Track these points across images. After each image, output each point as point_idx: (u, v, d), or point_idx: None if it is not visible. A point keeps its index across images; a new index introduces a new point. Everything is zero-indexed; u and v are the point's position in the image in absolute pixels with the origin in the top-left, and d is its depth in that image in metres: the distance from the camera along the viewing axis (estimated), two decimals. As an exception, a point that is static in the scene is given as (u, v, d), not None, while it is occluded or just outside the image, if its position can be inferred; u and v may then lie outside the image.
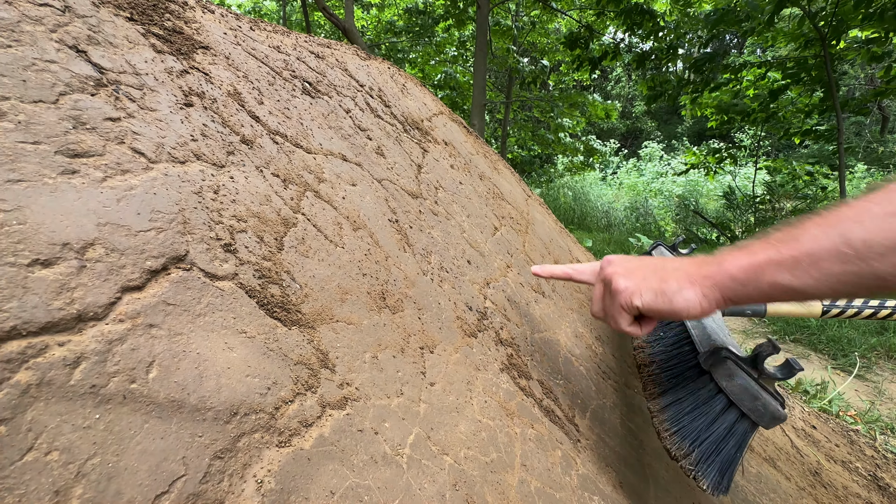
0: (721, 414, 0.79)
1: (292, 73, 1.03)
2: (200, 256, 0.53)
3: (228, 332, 0.50)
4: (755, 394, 0.72)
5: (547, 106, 10.23)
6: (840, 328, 3.98)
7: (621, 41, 8.47)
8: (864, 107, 6.62)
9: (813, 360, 3.63)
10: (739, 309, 1.11)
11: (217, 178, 0.63)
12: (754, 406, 0.73)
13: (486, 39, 7.20)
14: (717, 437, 0.79)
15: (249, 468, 0.43)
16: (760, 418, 0.74)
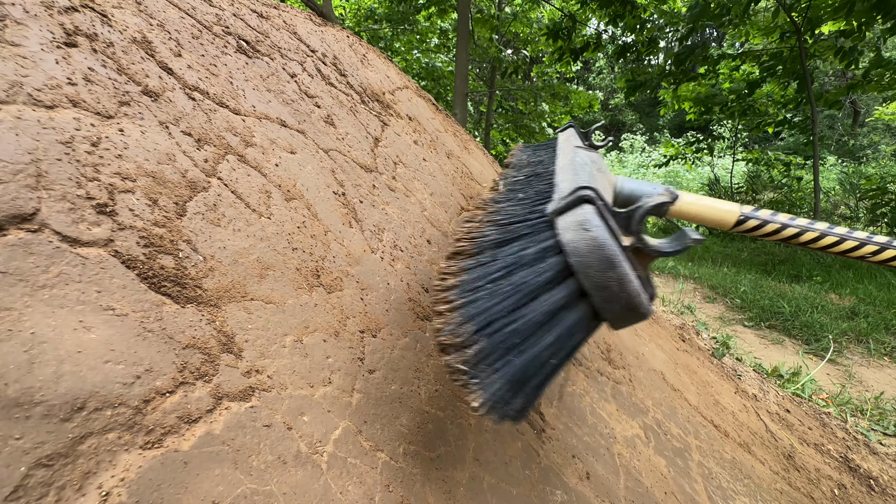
0: (546, 286, 0.49)
1: (225, 28, 0.92)
2: (58, 217, 0.43)
3: (87, 308, 0.40)
4: (612, 259, 0.45)
5: (530, 97, 10.16)
6: (813, 314, 4.06)
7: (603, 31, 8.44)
8: (838, 101, 6.74)
9: (787, 346, 3.68)
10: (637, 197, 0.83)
11: (99, 130, 0.52)
12: (604, 280, 0.45)
13: (467, 27, 7.07)
14: (527, 325, 0.49)
15: (94, 477, 0.33)
16: (609, 303, 0.46)
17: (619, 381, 1.34)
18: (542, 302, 0.49)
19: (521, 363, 0.49)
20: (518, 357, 0.49)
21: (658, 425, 1.28)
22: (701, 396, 1.68)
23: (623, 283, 0.45)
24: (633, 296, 0.45)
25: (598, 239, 0.45)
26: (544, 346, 0.49)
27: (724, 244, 7.30)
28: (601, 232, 0.45)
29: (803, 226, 0.75)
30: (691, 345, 2.20)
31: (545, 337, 0.49)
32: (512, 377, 0.48)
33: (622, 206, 0.81)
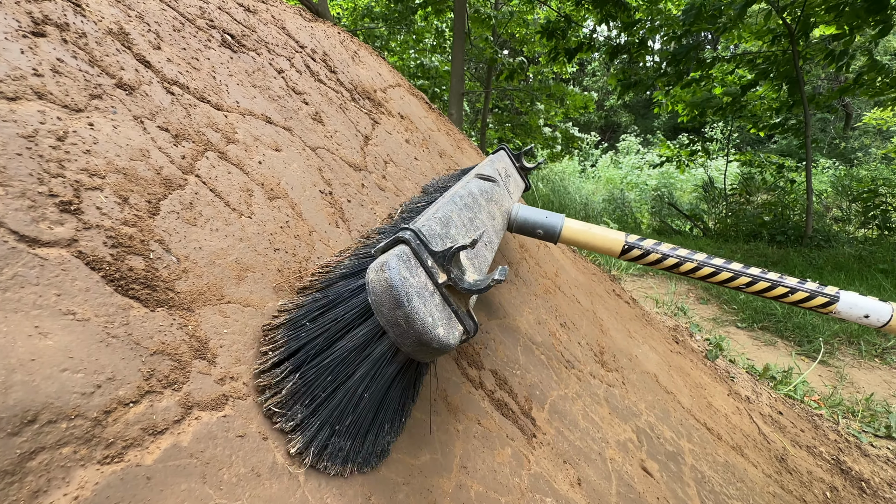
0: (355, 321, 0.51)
1: (209, 22, 0.89)
2: (15, 215, 0.40)
3: (44, 312, 0.38)
4: (399, 299, 0.46)
5: (526, 97, 10.17)
6: (805, 316, 4.08)
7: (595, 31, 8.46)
8: (832, 106, 6.79)
9: (780, 347, 3.70)
10: (530, 225, 0.89)
11: (66, 123, 0.50)
12: (394, 317, 0.46)
13: (464, 27, 7.05)
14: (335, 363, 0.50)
15: (44, 496, 0.31)
16: (402, 338, 0.48)
17: (611, 384, 1.32)
18: (350, 337, 0.51)
19: (335, 403, 0.50)
20: (330, 394, 0.50)
21: (651, 429, 1.27)
22: (694, 399, 1.67)
23: (410, 321, 0.46)
24: (421, 333, 0.47)
25: (390, 280, 0.47)
26: (354, 381, 0.51)
27: (717, 246, 7.34)
28: (394, 274, 0.47)
29: (683, 256, 0.80)
30: (685, 346, 2.20)
31: (355, 372, 0.51)
32: (323, 420, 0.49)
33: (518, 231, 0.91)
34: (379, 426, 0.54)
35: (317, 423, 0.49)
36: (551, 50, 8.01)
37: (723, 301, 4.48)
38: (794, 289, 0.73)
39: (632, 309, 2.08)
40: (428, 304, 0.49)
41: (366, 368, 0.51)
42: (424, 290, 0.49)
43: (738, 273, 0.75)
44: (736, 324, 4.06)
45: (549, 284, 1.50)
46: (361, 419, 0.52)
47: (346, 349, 0.51)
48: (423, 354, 0.50)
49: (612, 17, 7.06)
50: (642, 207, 10.65)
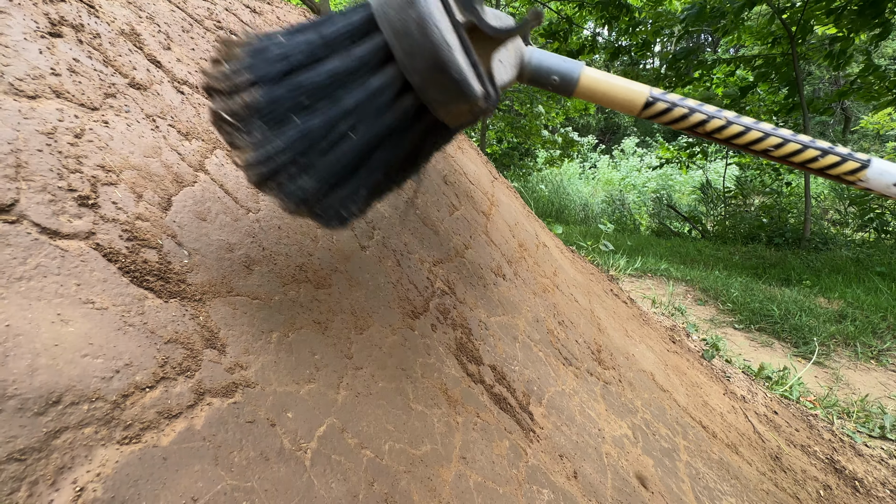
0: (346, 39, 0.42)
1: (217, 23, 0.91)
2: (37, 208, 0.42)
3: (66, 301, 0.39)
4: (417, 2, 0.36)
5: (526, 98, 10.20)
6: (802, 317, 4.10)
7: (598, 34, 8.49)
8: (829, 107, 6.84)
9: (776, 348, 3.72)
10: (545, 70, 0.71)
11: (83, 122, 0.52)
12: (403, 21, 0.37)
13: (463, 27, 7.07)
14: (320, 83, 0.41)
15: (69, 472, 0.33)
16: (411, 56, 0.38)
17: (608, 381, 1.34)
18: (340, 57, 0.42)
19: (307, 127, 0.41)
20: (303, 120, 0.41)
21: (647, 425, 1.29)
22: (690, 397, 1.70)
23: (424, 26, 0.37)
24: (438, 47, 0.37)
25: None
26: (339, 112, 0.41)
27: (715, 247, 7.37)
28: None
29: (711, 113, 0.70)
30: (681, 346, 2.22)
31: (341, 101, 0.41)
32: (294, 142, 0.41)
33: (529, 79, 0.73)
34: (351, 185, 0.45)
35: (277, 141, 0.41)
36: (553, 52, 8.04)
37: (720, 302, 4.51)
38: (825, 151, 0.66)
39: (629, 308, 2.10)
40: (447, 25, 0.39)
41: (356, 99, 0.42)
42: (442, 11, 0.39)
43: (767, 133, 0.67)
44: (733, 325, 4.08)
45: (548, 283, 1.52)
46: (334, 163, 0.43)
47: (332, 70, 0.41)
48: (437, 89, 0.40)
49: (615, 19, 7.09)
50: (641, 209, 10.68)
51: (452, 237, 1.18)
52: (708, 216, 9.11)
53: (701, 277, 5.18)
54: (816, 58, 6.82)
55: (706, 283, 4.95)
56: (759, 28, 6.82)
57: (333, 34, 0.43)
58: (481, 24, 0.43)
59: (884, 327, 3.89)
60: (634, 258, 5.70)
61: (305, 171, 0.42)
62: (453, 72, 0.38)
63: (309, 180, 0.42)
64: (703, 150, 9.01)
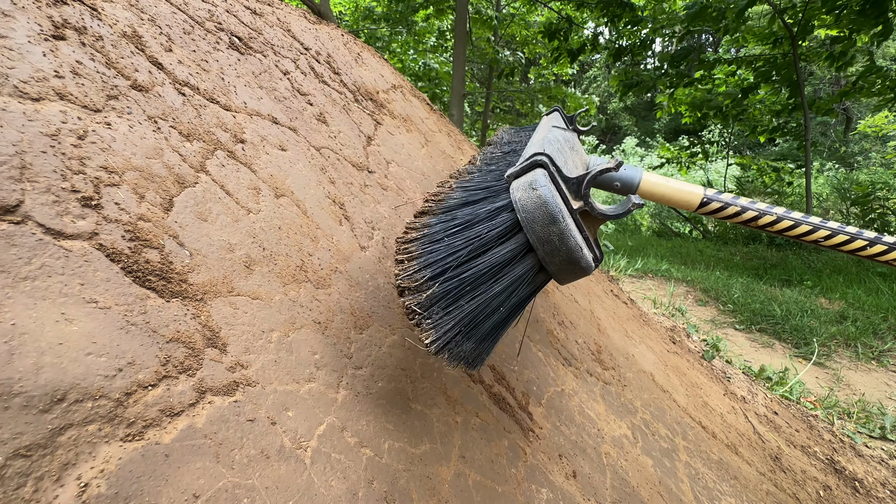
0: (498, 240, 0.53)
1: (218, 25, 0.92)
2: (42, 209, 0.43)
3: (69, 300, 0.40)
4: (555, 215, 0.48)
5: (527, 98, 10.21)
6: (803, 318, 4.10)
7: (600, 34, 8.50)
8: (831, 109, 6.83)
9: (777, 349, 3.72)
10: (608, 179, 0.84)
11: (86, 123, 0.52)
12: (547, 233, 0.48)
13: (465, 28, 7.09)
14: (478, 274, 0.52)
15: (73, 468, 0.34)
16: (551, 255, 0.49)
17: (608, 381, 1.34)
18: (493, 254, 0.53)
19: (471, 308, 0.52)
20: (468, 300, 0.52)
21: (646, 426, 1.29)
22: (690, 398, 1.70)
23: (564, 238, 0.49)
24: (573, 249, 0.49)
25: (543, 196, 0.48)
26: (493, 294, 0.53)
27: (717, 248, 7.36)
28: (546, 191, 0.49)
29: (762, 209, 0.77)
30: (681, 347, 2.22)
31: (495, 286, 0.53)
32: (463, 320, 0.52)
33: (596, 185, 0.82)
34: (494, 336, 0.57)
35: (450, 324, 0.52)
36: (553, 51, 8.05)
37: (721, 303, 4.50)
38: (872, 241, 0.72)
39: (629, 309, 2.10)
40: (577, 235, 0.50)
41: (506, 283, 0.53)
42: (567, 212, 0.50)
43: (817, 226, 0.74)
44: (734, 325, 4.08)
45: (548, 285, 1.53)
46: (488, 329, 0.55)
47: (488, 263, 0.53)
48: (567, 274, 0.52)
49: (618, 18, 7.09)
50: (643, 210, 10.68)
51: (452, 237, 1.19)
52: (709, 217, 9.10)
53: (702, 278, 5.18)
54: (818, 59, 6.82)
55: (707, 284, 4.95)
56: (761, 29, 6.82)
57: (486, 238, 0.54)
58: (594, 213, 0.54)
59: (885, 328, 3.89)
60: (635, 258, 5.70)
61: (468, 339, 0.54)
62: (583, 263, 0.50)
63: (469, 345, 0.54)
64: (703, 151, 9.00)
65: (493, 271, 0.53)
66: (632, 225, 9.94)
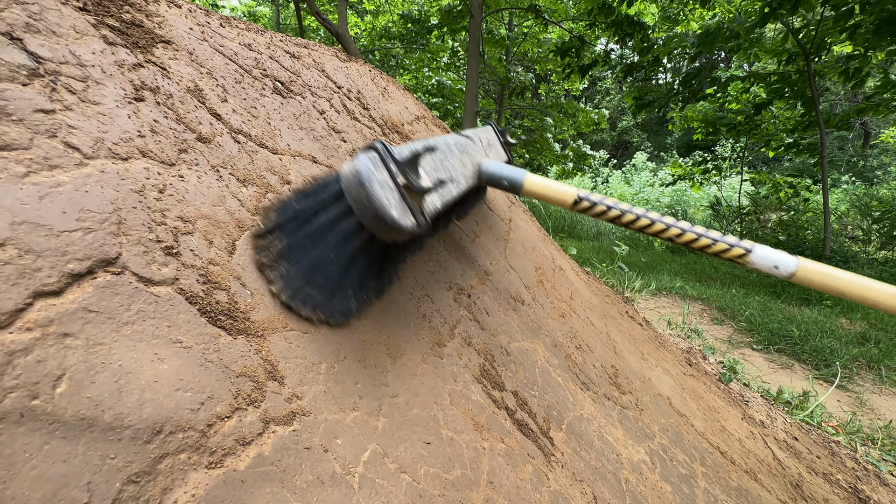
0: (328, 203, 0.67)
1: (263, 71, 1.00)
2: (135, 260, 0.49)
3: (160, 341, 0.46)
4: (364, 181, 0.60)
5: (539, 115, 10.32)
6: (823, 339, 4.02)
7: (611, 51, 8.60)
8: (847, 122, 6.78)
9: (796, 370, 3.65)
10: (497, 177, 1.01)
11: (164, 177, 0.59)
12: (358, 196, 0.60)
13: (478, 48, 7.25)
14: (312, 230, 0.66)
15: (170, 493, 0.39)
16: (363, 213, 0.62)
17: (625, 405, 1.36)
18: (325, 214, 0.66)
19: (310, 260, 0.65)
20: (307, 255, 0.65)
21: (664, 451, 1.31)
22: (707, 422, 1.70)
23: (370, 199, 0.60)
24: (378, 209, 0.60)
25: (357, 167, 0.61)
26: (326, 246, 0.65)
27: (732, 265, 7.27)
28: (361, 164, 0.61)
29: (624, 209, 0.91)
30: (698, 369, 2.21)
31: (327, 239, 0.66)
32: (303, 270, 0.64)
33: (488, 182, 1.03)
34: (343, 289, 0.69)
35: (294, 273, 0.64)
36: (564, 67, 8.18)
37: (737, 322, 4.45)
38: (716, 240, 0.86)
39: (645, 331, 2.11)
40: (386, 192, 0.62)
41: (335, 237, 0.66)
42: (386, 184, 0.63)
43: (669, 225, 0.88)
44: (751, 345, 4.02)
45: (565, 308, 1.56)
46: (328, 278, 0.66)
47: (321, 222, 0.66)
48: (381, 230, 0.63)
49: (629, 37, 7.19)
50: (655, 224, 10.60)
51: (474, 265, 1.24)
52: (724, 233, 8.99)
53: (717, 296, 5.12)
54: (832, 75, 6.80)
55: (722, 302, 4.89)
56: (774, 46, 6.84)
57: (323, 200, 0.68)
58: (412, 185, 0.66)
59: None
60: (649, 278, 5.66)
61: (312, 286, 0.65)
62: (388, 220, 0.61)
63: (313, 291, 0.65)
64: (717, 167, 8.96)
65: (324, 228, 0.65)
66: (644, 241, 9.88)
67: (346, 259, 0.67)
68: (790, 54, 6.63)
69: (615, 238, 10.23)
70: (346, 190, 0.62)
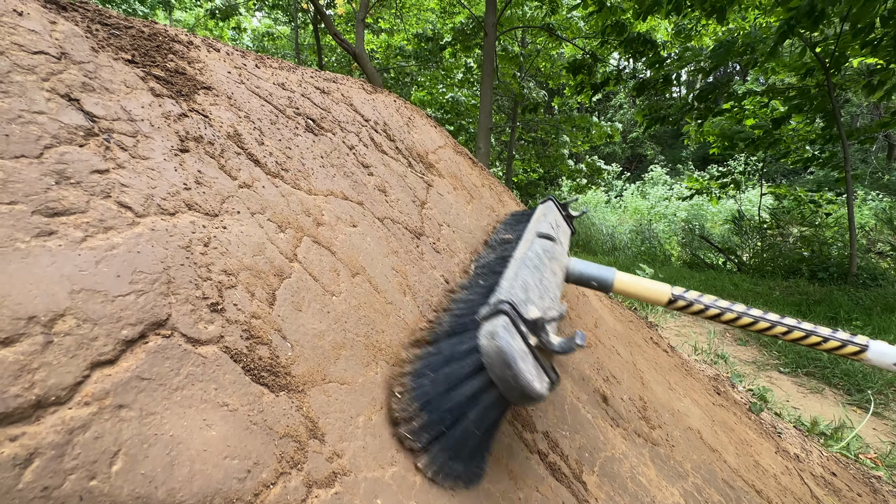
0: (468, 377, 0.65)
1: (296, 110, 1.02)
2: (183, 320, 0.49)
3: (208, 406, 0.46)
4: (509, 361, 0.59)
5: (551, 129, 10.35)
6: (852, 362, 3.86)
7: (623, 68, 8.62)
8: (870, 137, 6.63)
9: (827, 395, 3.50)
10: (586, 278, 1.00)
11: (209, 230, 0.60)
12: (503, 375, 0.60)
13: (492, 65, 7.35)
14: (455, 404, 0.64)
15: (221, 573, 0.38)
16: (509, 391, 0.61)
17: (656, 442, 1.32)
18: (466, 387, 0.65)
19: (455, 432, 0.64)
20: (450, 427, 0.64)
21: (698, 492, 1.25)
22: (740, 457, 1.63)
23: (517, 379, 0.59)
24: (525, 387, 0.59)
25: (500, 347, 0.60)
26: (470, 420, 0.64)
27: (753, 282, 7.08)
28: (503, 342, 0.60)
29: (724, 307, 0.86)
30: (727, 398, 2.14)
31: (469, 413, 0.64)
32: (448, 444, 0.64)
33: (575, 282, 1.03)
34: (479, 455, 0.69)
35: (438, 447, 0.64)
36: (577, 84, 8.21)
37: (762, 343, 4.30)
38: (826, 338, 0.81)
39: (671, 358, 2.05)
40: (527, 362, 0.61)
41: (478, 410, 0.65)
42: (524, 353, 0.62)
43: (774, 323, 0.83)
44: (778, 368, 3.88)
45: (590, 337, 1.53)
46: (469, 449, 0.66)
47: (463, 394, 0.65)
48: (523, 402, 0.63)
49: (640, 55, 7.21)
50: (671, 239, 10.44)
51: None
52: (743, 248, 8.79)
53: (740, 315, 4.97)
54: (854, 88, 6.68)
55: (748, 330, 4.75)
56: (792, 61, 6.77)
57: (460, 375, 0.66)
58: (547, 348, 0.65)
59: (949, 376, 3.62)
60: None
61: (455, 460, 0.65)
62: (535, 396, 0.60)
63: (457, 465, 0.65)
64: (734, 181, 8.82)
65: (466, 402, 0.65)
66: (661, 256, 9.72)
67: (486, 430, 0.67)
68: (809, 68, 6.55)
69: (631, 252, 10.08)
70: (490, 367, 0.61)
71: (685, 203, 11.04)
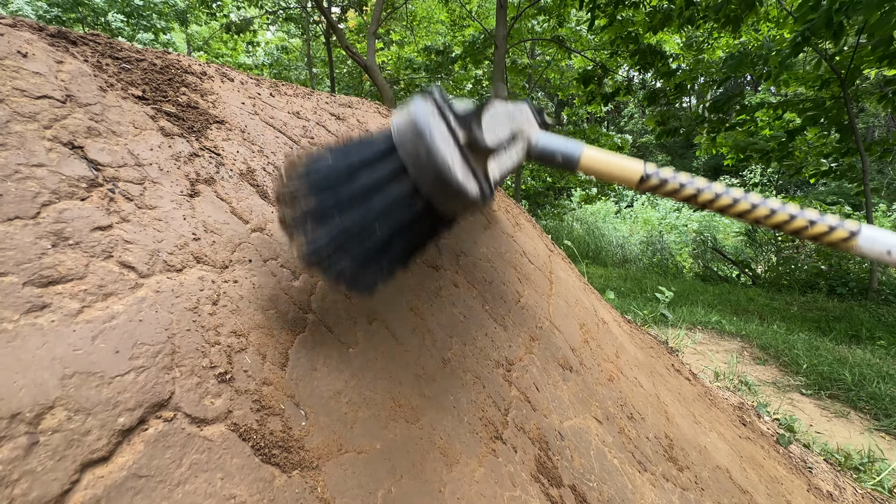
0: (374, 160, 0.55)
1: (311, 140, 0.98)
2: (188, 396, 0.44)
3: (214, 501, 0.40)
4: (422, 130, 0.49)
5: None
6: (880, 384, 3.71)
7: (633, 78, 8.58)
8: (888, 150, 6.48)
9: (853, 420, 3.36)
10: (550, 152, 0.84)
11: (218, 285, 0.55)
12: (415, 149, 0.49)
13: (503, 78, 7.35)
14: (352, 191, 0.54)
15: None
16: (421, 173, 0.50)
17: (685, 486, 1.24)
18: (369, 173, 0.55)
19: (345, 224, 0.54)
20: (342, 218, 0.53)
21: (732, 542, 1.17)
22: (772, 497, 1.53)
23: (431, 153, 0.49)
24: (441, 168, 0.49)
25: (414, 115, 0.50)
26: (368, 212, 0.54)
27: (769, 296, 6.91)
28: (419, 111, 0.50)
29: (701, 187, 0.76)
30: (752, 429, 2.04)
31: (369, 204, 0.54)
32: (335, 235, 0.53)
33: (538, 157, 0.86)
34: (377, 265, 0.58)
35: (324, 238, 0.53)
36: (587, 95, 8.18)
37: (782, 363, 4.17)
38: (813, 221, 0.71)
39: (693, 387, 1.97)
40: (449, 147, 0.51)
41: (381, 203, 0.54)
42: (445, 136, 0.52)
43: (756, 204, 0.73)
44: (800, 389, 3.74)
45: (612, 369, 1.46)
46: (364, 250, 0.55)
47: (363, 182, 0.54)
48: (441, 197, 0.53)
49: (650, 66, 7.17)
50: (683, 251, 10.28)
51: (520, 331, 1.16)
52: (757, 261, 8.61)
53: (758, 332, 4.84)
54: (870, 101, 6.56)
55: (764, 340, 4.61)
56: (806, 74, 6.67)
57: (366, 156, 0.56)
58: (478, 142, 0.55)
59: (983, 402, 3.45)
60: (682, 311, 5.42)
61: (343, 256, 0.54)
62: (453, 185, 0.50)
63: (346, 263, 0.54)
64: (749, 193, 8.66)
65: (367, 190, 0.54)
66: (672, 268, 9.56)
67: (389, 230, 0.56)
68: (824, 80, 6.44)
69: (642, 264, 9.94)
70: (400, 143, 0.52)
71: (696, 214, 10.89)
